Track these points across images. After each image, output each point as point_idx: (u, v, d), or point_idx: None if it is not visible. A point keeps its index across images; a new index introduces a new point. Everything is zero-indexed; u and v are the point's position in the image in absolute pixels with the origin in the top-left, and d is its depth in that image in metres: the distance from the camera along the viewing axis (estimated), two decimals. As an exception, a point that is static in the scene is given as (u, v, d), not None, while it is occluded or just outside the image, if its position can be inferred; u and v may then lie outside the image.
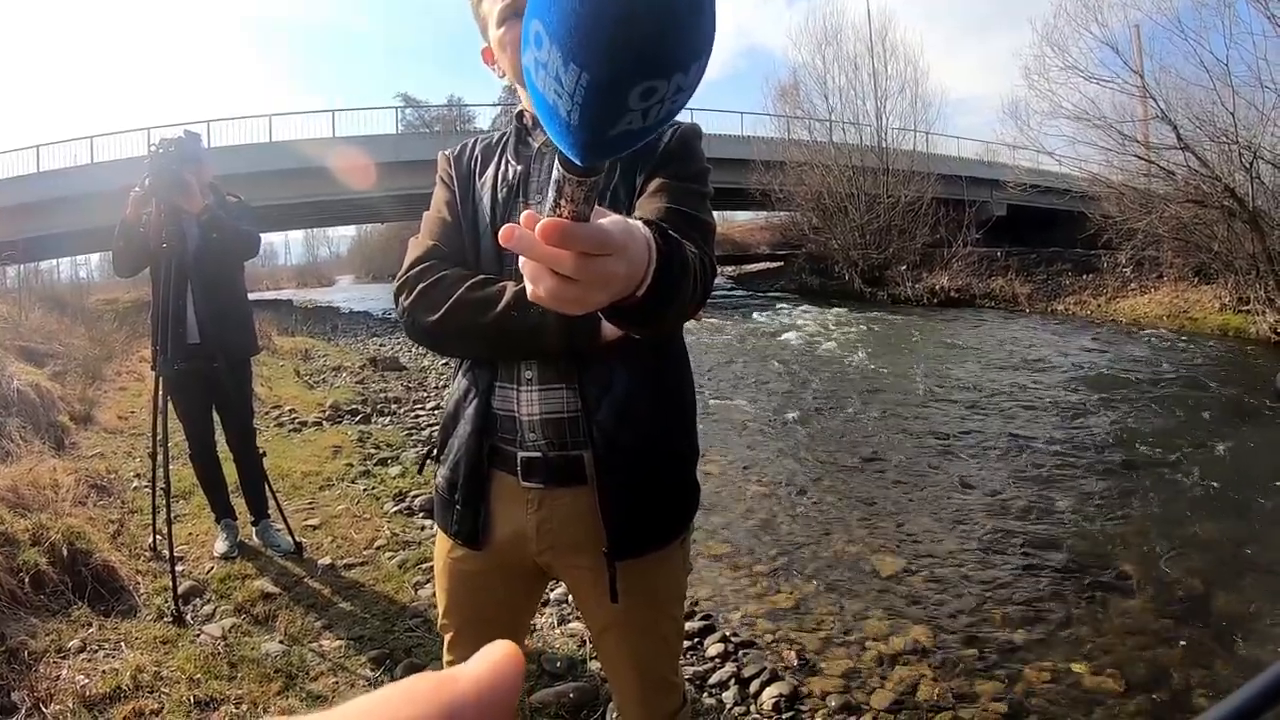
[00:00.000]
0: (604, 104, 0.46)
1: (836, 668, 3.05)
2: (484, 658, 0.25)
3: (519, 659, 0.25)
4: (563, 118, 0.48)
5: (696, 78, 0.48)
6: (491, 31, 1.33)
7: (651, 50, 0.45)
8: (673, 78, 0.47)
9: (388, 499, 4.80)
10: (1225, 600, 3.59)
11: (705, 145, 1.41)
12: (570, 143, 0.50)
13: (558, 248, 0.56)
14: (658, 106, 0.48)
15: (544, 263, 0.59)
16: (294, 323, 15.84)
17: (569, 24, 0.44)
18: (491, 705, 0.23)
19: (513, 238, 0.57)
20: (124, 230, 3.53)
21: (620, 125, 0.48)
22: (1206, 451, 5.97)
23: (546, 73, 0.47)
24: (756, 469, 5.79)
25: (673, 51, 0.46)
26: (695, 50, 0.47)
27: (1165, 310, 15.05)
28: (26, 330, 8.72)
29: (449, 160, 1.48)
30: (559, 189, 0.54)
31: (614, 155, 0.52)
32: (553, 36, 0.45)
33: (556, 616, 3.29)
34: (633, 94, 0.46)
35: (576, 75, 0.45)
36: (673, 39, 0.45)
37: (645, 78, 0.46)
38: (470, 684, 0.23)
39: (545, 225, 0.55)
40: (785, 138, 26.96)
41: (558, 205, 0.55)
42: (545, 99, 0.48)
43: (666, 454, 1.40)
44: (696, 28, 0.46)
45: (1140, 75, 16.27)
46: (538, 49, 0.47)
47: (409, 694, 0.22)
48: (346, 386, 9.34)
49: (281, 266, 77.36)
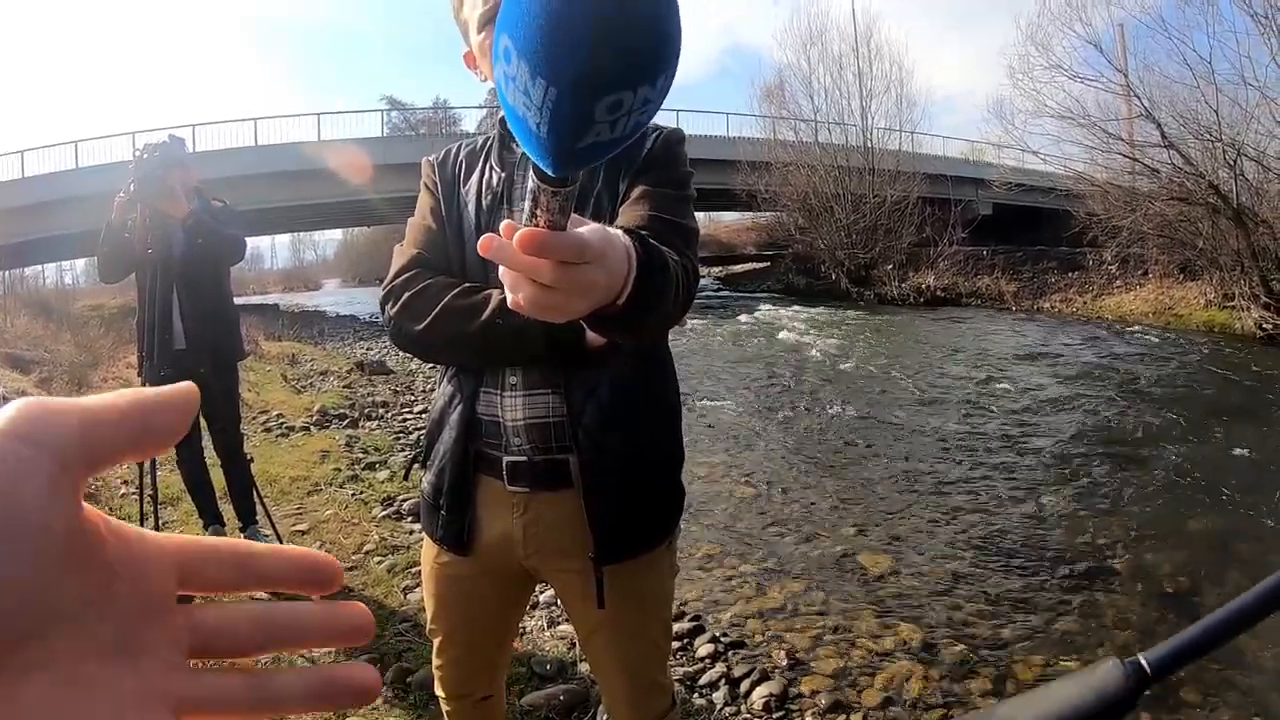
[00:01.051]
0: (571, 117, 0.47)
1: (826, 666, 3.05)
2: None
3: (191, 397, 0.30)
4: (533, 130, 0.49)
5: (664, 89, 0.49)
6: (472, 37, 1.34)
7: (616, 64, 0.45)
8: (638, 90, 0.47)
9: (376, 503, 4.79)
10: (1212, 594, 3.62)
11: (691, 146, 1.42)
12: (541, 154, 0.50)
13: (535, 256, 0.57)
14: (625, 118, 0.48)
15: (523, 272, 0.59)
16: (280, 327, 15.80)
17: (535, 40, 0.44)
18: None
19: (491, 248, 0.58)
20: (109, 235, 3.51)
21: (589, 137, 0.48)
22: (1193, 447, 6.01)
23: (515, 86, 0.47)
24: (744, 469, 5.80)
25: (637, 65, 0.46)
26: (660, 64, 0.47)
27: (1151, 307, 15.15)
28: (12, 336, 8.70)
29: (433, 166, 1.48)
30: (534, 199, 0.55)
31: (585, 165, 0.52)
32: (520, 51, 0.45)
33: (546, 619, 3.29)
34: (599, 107, 0.46)
35: (544, 89, 0.46)
36: (637, 54, 0.46)
37: (611, 91, 0.46)
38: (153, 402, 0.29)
39: (522, 235, 0.55)
40: (771, 138, 27.02)
41: (534, 215, 0.56)
42: (516, 111, 0.49)
43: (652, 458, 1.41)
44: (661, 42, 0.47)
45: (1124, 74, 16.40)
46: (507, 63, 0.47)
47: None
48: (334, 391, 9.32)
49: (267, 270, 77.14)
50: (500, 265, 0.60)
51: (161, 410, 0.28)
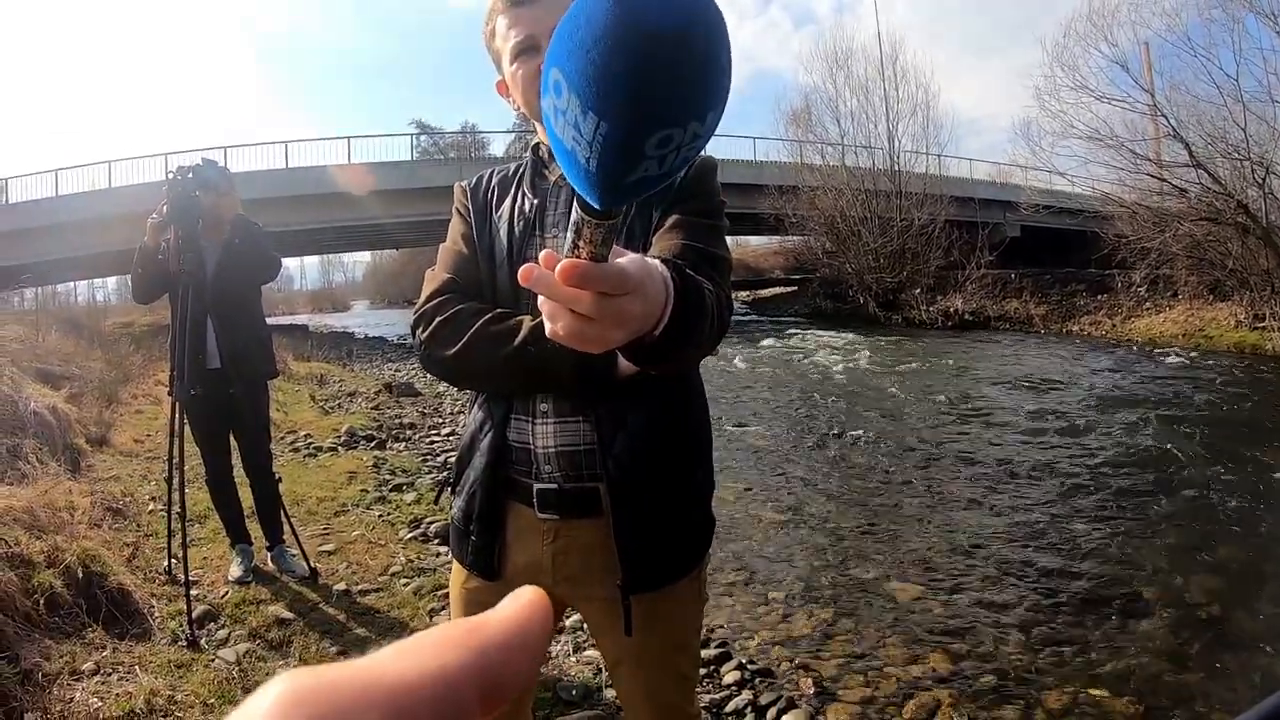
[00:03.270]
0: (621, 151, 0.48)
1: (854, 695, 3.02)
2: (513, 602, 0.26)
3: (546, 603, 0.26)
4: (581, 164, 0.49)
5: (713, 126, 0.50)
6: (505, 67, 1.35)
7: (668, 100, 0.46)
8: (688, 126, 0.48)
9: (403, 525, 4.80)
10: (1245, 623, 3.55)
11: (719, 172, 1.42)
12: (588, 187, 0.51)
13: (576, 288, 0.57)
14: (673, 154, 0.49)
15: (562, 302, 0.60)
16: (309, 348, 15.89)
17: (587, 74, 0.45)
18: (521, 649, 0.24)
19: (531, 278, 0.58)
20: (142, 257, 3.56)
21: (637, 172, 0.49)
22: (1225, 472, 5.91)
23: (565, 120, 0.48)
24: (772, 495, 5.76)
25: (688, 102, 0.47)
26: (712, 100, 0.48)
27: (1180, 329, 14.97)
28: (43, 352, 8.78)
29: (465, 192, 1.49)
30: (578, 230, 0.55)
31: (631, 199, 0.53)
32: (571, 86, 0.46)
33: (572, 644, 3.27)
34: (649, 142, 0.47)
35: (595, 124, 0.46)
36: (688, 90, 0.46)
37: (662, 126, 0.47)
38: (499, 628, 0.24)
39: (564, 266, 0.55)
40: (798, 162, 27.02)
41: (576, 247, 0.56)
42: (564, 144, 0.50)
43: (682, 487, 1.40)
44: (712, 79, 0.47)
45: (1151, 93, 16.36)
46: (557, 97, 0.48)
47: (441, 639, 0.23)
48: (362, 412, 9.37)
49: (297, 291, 77.71)
50: (539, 294, 0.60)
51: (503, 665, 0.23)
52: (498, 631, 0.24)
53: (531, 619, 0.25)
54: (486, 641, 0.23)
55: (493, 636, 0.23)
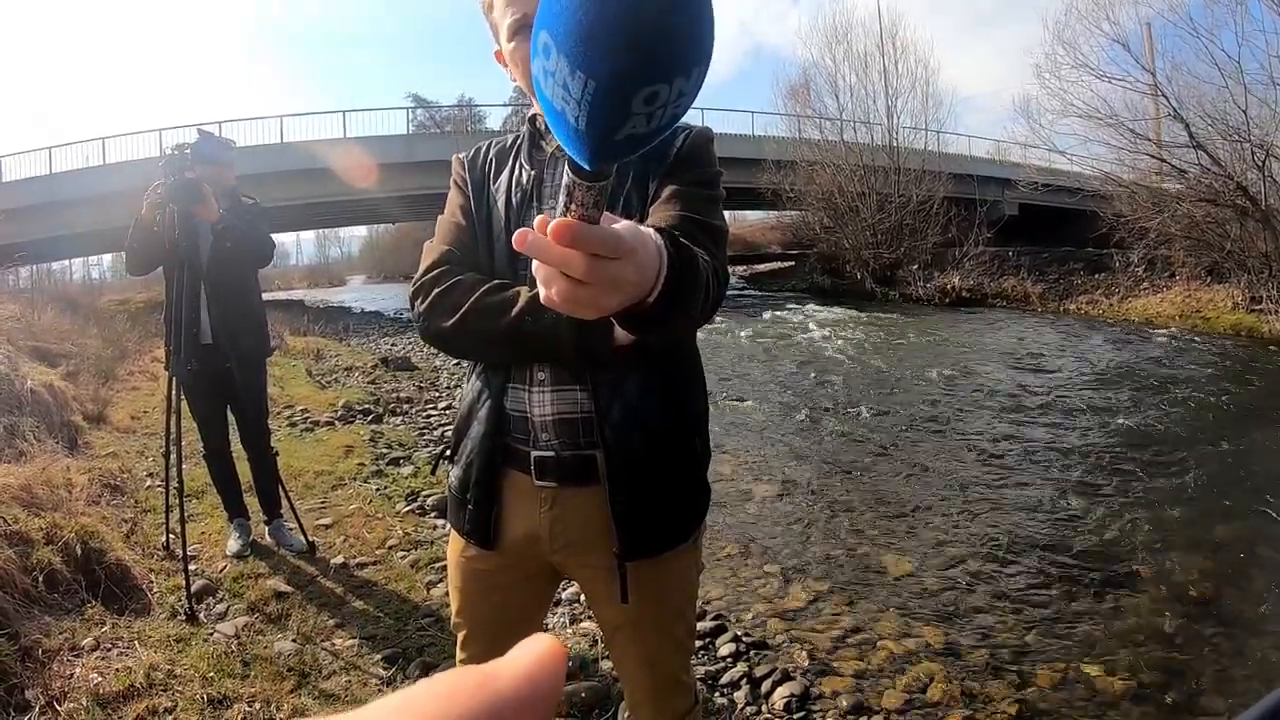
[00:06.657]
0: (610, 109, 0.49)
1: (848, 668, 3.04)
2: (526, 653, 0.25)
3: (561, 655, 0.25)
4: (571, 124, 0.50)
5: (697, 83, 0.51)
6: (503, 43, 1.34)
7: (653, 56, 0.47)
8: (674, 82, 0.49)
9: (400, 498, 4.82)
10: (1238, 601, 3.58)
11: (716, 144, 1.42)
12: (579, 147, 0.52)
13: (568, 248, 0.58)
14: (661, 110, 0.50)
15: (556, 266, 0.60)
16: (306, 323, 15.88)
17: (575, 34, 0.47)
18: (533, 702, 0.23)
19: (526, 242, 0.59)
20: (138, 230, 3.55)
21: (625, 129, 0.50)
22: (1219, 452, 5.94)
23: (554, 81, 0.49)
24: (768, 469, 5.79)
25: (673, 56, 0.48)
26: (696, 55, 0.49)
27: (1177, 310, 14.95)
28: (39, 330, 8.77)
29: (463, 164, 1.49)
30: (569, 193, 0.56)
31: (621, 159, 0.54)
32: (560, 46, 0.48)
33: (568, 616, 3.30)
34: (636, 99, 0.48)
35: (583, 82, 0.48)
36: (673, 44, 0.48)
37: (648, 82, 0.48)
38: (510, 681, 0.23)
39: (556, 226, 0.56)
40: (796, 137, 26.87)
41: (568, 209, 0.57)
42: (554, 106, 0.51)
43: (679, 455, 1.41)
44: (696, 33, 0.48)
45: (1152, 73, 16.23)
46: (546, 59, 0.49)
47: (450, 690, 0.22)
48: (358, 386, 9.38)
49: (293, 267, 77.34)
50: (533, 260, 0.61)
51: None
52: (509, 685, 0.23)
53: (544, 671, 0.24)
54: (497, 696, 0.23)
55: (504, 690, 0.23)
